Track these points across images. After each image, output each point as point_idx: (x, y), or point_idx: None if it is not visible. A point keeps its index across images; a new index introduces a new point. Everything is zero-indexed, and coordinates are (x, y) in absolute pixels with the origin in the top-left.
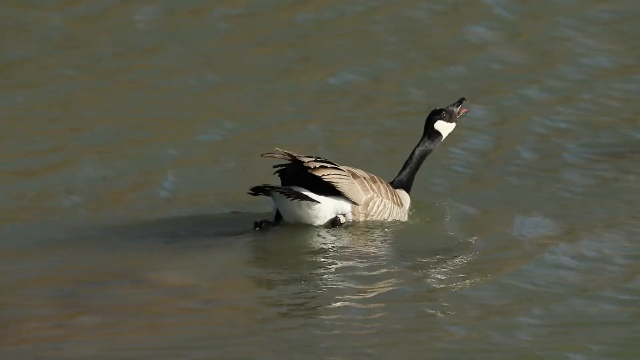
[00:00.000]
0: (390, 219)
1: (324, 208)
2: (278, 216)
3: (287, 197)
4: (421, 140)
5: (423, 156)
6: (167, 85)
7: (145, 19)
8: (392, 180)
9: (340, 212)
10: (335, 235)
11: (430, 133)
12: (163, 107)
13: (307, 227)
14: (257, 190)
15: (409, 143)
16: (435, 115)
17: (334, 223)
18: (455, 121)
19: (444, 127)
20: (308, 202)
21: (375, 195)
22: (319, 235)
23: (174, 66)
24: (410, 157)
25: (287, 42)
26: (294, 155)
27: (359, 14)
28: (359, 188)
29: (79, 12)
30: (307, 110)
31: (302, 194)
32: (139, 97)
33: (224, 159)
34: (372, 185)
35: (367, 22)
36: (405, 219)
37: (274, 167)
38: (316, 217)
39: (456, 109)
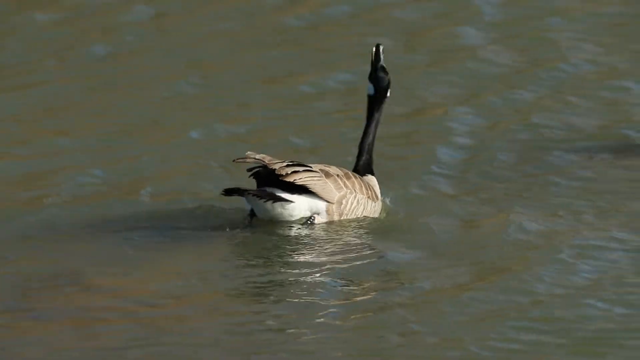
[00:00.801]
0: (364, 215)
1: (298, 207)
2: (252, 214)
3: (260, 199)
4: (374, 114)
5: (377, 128)
6: (156, 87)
7: (134, 22)
8: (355, 165)
9: (314, 210)
10: (314, 236)
11: (377, 101)
12: (151, 109)
13: (280, 228)
14: (230, 192)
15: (397, 146)
16: (388, 84)
17: (307, 222)
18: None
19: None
20: (282, 202)
21: (349, 192)
22: (296, 237)
23: (163, 68)
24: (366, 135)
25: (277, 44)
26: (265, 162)
27: (350, 16)
28: (332, 186)
29: (69, 14)
30: (296, 113)
31: (275, 195)
32: (126, 99)
33: (211, 162)
34: (346, 181)
35: (357, 24)
36: (380, 209)
37: (248, 170)
38: (291, 216)
39: (382, 63)
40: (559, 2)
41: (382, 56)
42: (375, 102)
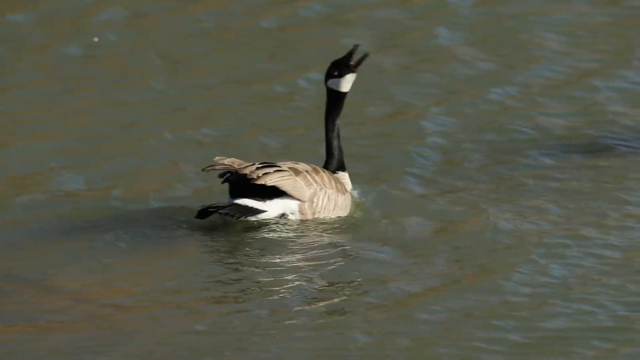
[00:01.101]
0: (336, 210)
1: (271, 214)
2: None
3: (234, 218)
4: (327, 105)
5: (337, 122)
6: (131, 89)
7: (109, 23)
8: (326, 162)
9: (288, 211)
10: (287, 237)
11: (331, 92)
12: (125, 111)
13: (253, 230)
14: (203, 215)
15: (373, 147)
16: (328, 74)
17: (281, 219)
18: (354, 71)
19: (340, 84)
20: (255, 214)
21: (319, 188)
22: (270, 238)
23: (138, 70)
24: (330, 131)
25: (252, 45)
26: (235, 167)
27: (324, 17)
28: (303, 184)
29: (45, 15)
30: (270, 114)
31: (247, 207)
32: (100, 100)
33: (185, 164)
34: (315, 176)
35: (331, 25)
36: (349, 202)
37: (219, 177)
38: (266, 219)
39: (350, 60)
40: (534, 4)
41: (353, 56)
42: (328, 95)
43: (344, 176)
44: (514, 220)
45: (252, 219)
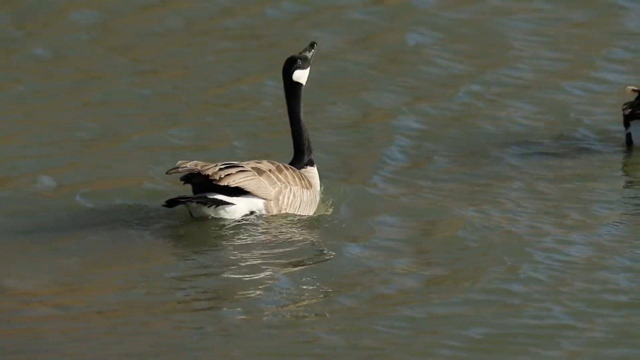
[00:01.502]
0: (302, 206)
1: (239, 209)
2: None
3: (204, 206)
4: (289, 100)
5: (301, 116)
6: (98, 91)
7: (78, 25)
8: (294, 158)
9: (254, 209)
10: (259, 238)
11: (292, 86)
12: (92, 113)
13: (224, 230)
14: (172, 204)
15: (345, 147)
16: (291, 66)
17: (249, 217)
18: (310, 65)
19: (302, 76)
20: (223, 206)
21: (283, 186)
22: (240, 238)
23: (105, 72)
24: (297, 125)
25: (222, 46)
26: (198, 169)
27: (295, 18)
28: (267, 183)
29: (12, 15)
30: (240, 115)
31: (216, 199)
32: (67, 103)
33: (153, 167)
34: (279, 175)
35: (302, 25)
36: (318, 198)
37: (181, 179)
38: (232, 217)
39: (310, 54)
40: (502, 6)
41: (310, 51)
42: (289, 89)
43: (312, 171)
44: (482, 220)
45: (221, 212)
